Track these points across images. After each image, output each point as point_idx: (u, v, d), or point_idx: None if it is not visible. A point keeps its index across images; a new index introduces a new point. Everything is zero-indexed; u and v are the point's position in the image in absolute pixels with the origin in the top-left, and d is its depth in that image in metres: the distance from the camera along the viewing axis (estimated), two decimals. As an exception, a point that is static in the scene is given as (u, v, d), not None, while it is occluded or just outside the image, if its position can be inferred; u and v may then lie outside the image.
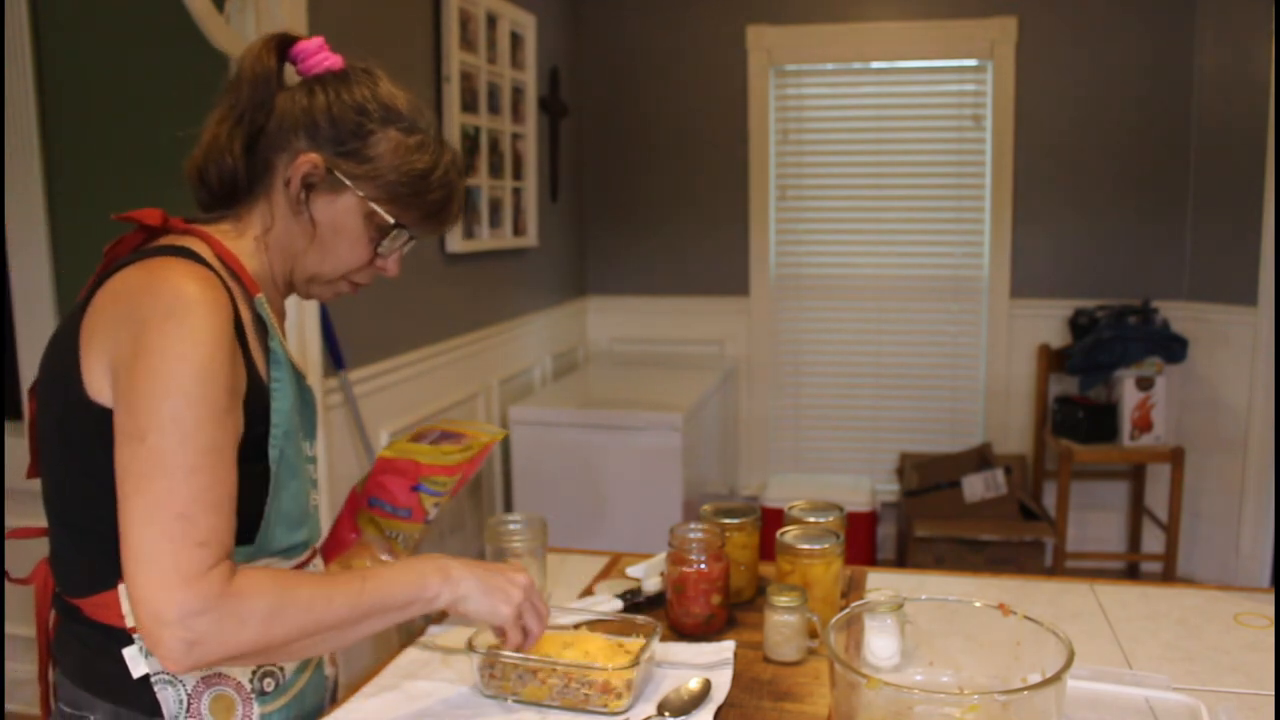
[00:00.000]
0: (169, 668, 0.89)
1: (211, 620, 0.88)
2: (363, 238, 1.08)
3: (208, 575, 0.89)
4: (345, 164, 1.04)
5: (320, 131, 1.04)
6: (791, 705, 1.15)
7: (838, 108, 3.99)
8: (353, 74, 1.07)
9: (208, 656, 0.89)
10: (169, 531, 0.88)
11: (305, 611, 0.94)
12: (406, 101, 1.08)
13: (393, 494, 1.22)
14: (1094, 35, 3.70)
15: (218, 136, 1.05)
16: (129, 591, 0.89)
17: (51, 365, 0.99)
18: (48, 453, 1.01)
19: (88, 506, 0.98)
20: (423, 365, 2.83)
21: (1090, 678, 1.16)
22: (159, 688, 0.99)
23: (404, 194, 1.07)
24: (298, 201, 1.04)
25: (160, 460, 0.89)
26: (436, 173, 1.08)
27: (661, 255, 4.17)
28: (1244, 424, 3.47)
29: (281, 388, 1.03)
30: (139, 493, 0.89)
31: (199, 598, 0.87)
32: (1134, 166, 3.74)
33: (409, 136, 1.07)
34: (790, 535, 1.37)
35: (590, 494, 3.10)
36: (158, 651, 0.88)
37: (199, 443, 0.90)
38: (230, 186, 1.06)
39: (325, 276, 1.10)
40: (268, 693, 1.05)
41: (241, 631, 0.90)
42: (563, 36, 3.92)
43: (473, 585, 1.06)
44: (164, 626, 0.87)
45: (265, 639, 0.92)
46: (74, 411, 0.96)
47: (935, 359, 4.02)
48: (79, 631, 1.02)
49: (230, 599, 0.89)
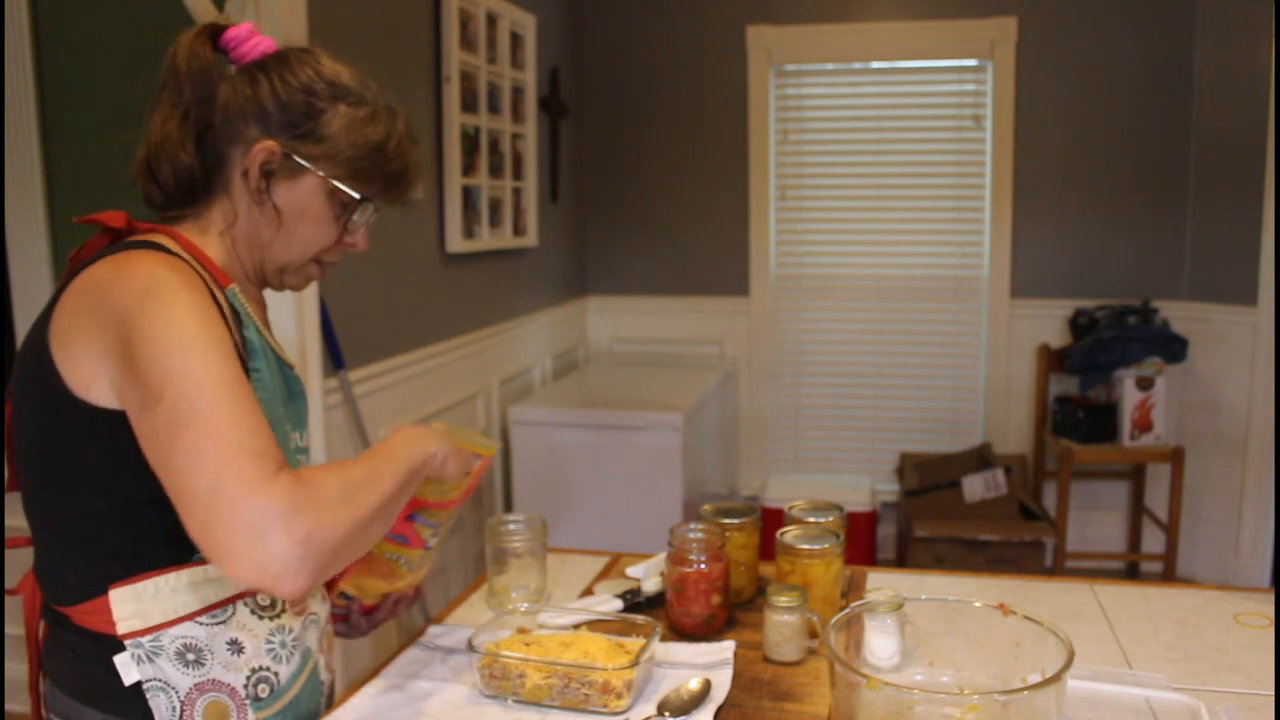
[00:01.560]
0: (295, 586, 0.83)
1: (307, 513, 0.84)
2: (327, 216, 1.07)
3: (278, 476, 0.85)
4: (302, 146, 1.03)
5: (271, 117, 1.02)
6: (791, 705, 1.15)
7: (838, 108, 3.99)
8: (291, 55, 1.06)
9: (321, 551, 0.84)
10: (218, 460, 0.84)
11: (369, 486, 0.93)
12: (351, 76, 1.07)
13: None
14: (1094, 35, 3.70)
15: (168, 135, 1.02)
16: (211, 545, 0.84)
17: (24, 370, 0.98)
18: (28, 459, 0.99)
19: (72, 510, 0.97)
20: (423, 365, 2.83)
21: (1090, 678, 1.16)
22: (151, 695, 0.98)
23: (364, 167, 1.06)
24: (259, 191, 1.03)
25: (184, 409, 0.86)
26: (391, 142, 1.07)
27: (661, 255, 4.16)
28: (1244, 424, 3.47)
29: (260, 377, 1.02)
30: (175, 447, 0.86)
31: (283, 495, 0.83)
32: (1134, 166, 3.74)
33: (359, 109, 1.06)
34: (790, 535, 1.37)
35: (590, 494, 3.10)
36: (279, 578, 0.82)
37: (215, 380, 0.88)
38: (187, 184, 1.04)
39: (295, 263, 1.09)
40: (262, 698, 1.03)
41: (335, 514, 0.87)
42: (563, 36, 3.91)
43: (451, 460, 1.09)
44: (266, 539, 0.82)
45: (353, 519, 0.89)
46: (57, 411, 0.94)
47: (935, 359, 4.02)
48: (69, 640, 1.00)
49: (310, 487, 0.86)
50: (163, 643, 0.98)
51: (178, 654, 0.98)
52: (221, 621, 1.01)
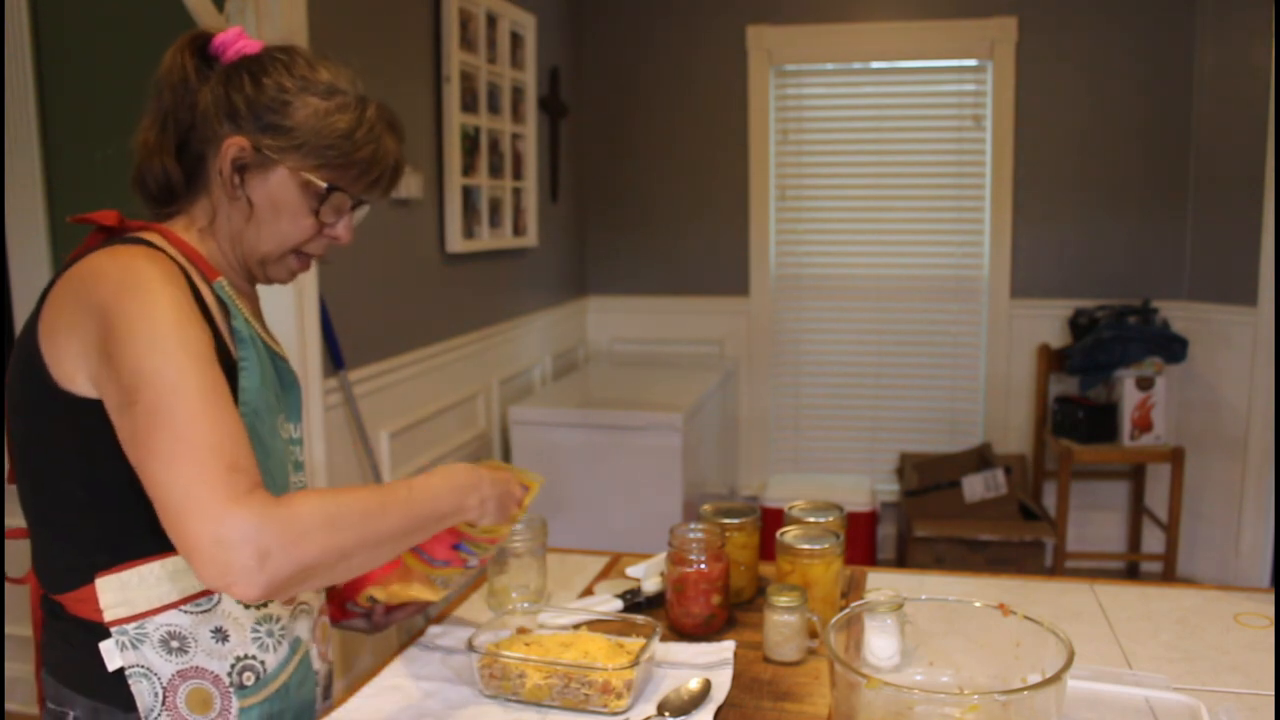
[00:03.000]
0: (248, 596, 0.86)
1: (274, 532, 0.86)
2: (302, 208, 1.08)
3: (253, 493, 0.88)
4: (268, 139, 1.04)
5: (240, 114, 1.04)
6: (791, 705, 1.15)
7: (838, 108, 3.99)
8: (267, 55, 1.07)
9: (281, 573, 0.87)
10: (195, 468, 0.87)
11: (362, 519, 0.94)
12: (328, 70, 1.09)
13: (433, 549, 1.21)
14: (1094, 35, 3.70)
15: (147, 143, 1.07)
16: (181, 543, 0.87)
17: (17, 363, 1.00)
18: (20, 450, 1.02)
19: (59, 499, 0.99)
20: (423, 365, 2.83)
21: (1090, 678, 1.16)
22: (133, 681, 0.99)
23: (332, 156, 1.06)
24: (232, 185, 1.05)
25: (160, 412, 0.89)
26: (360, 130, 1.07)
27: (662, 255, 4.16)
28: (1244, 424, 3.47)
29: (249, 366, 1.03)
30: (150, 451, 0.89)
31: (253, 512, 0.86)
32: (1134, 166, 3.74)
33: (328, 100, 1.06)
34: (790, 535, 1.37)
35: (590, 494, 3.10)
36: (229, 583, 0.85)
37: (190, 387, 0.90)
38: (166, 189, 1.07)
39: (273, 254, 1.10)
40: (247, 686, 1.04)
41: (307, 541, 0.89)
42: (563, 36, 3.91)
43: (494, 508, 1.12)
44: (230, 550, 0.85)
45: (330, 548, 0.91)
46: (43, 401, 0.97)
47: (935, 359, 4.02)
48: (62, 629, 1.02)
49: (285, 509, 0.88)
50: (147, 630, 1.00)
51: (161, 641, 1.00)
52: (206, 610, 1.02)
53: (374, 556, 0.97)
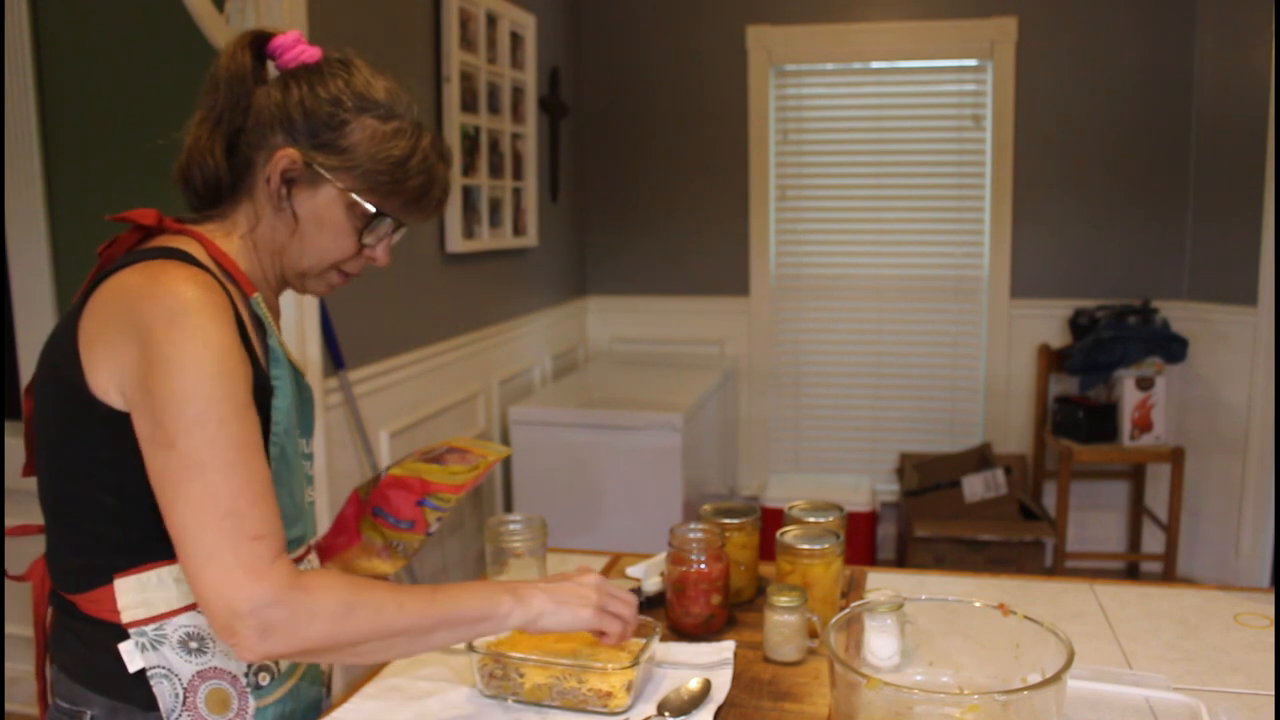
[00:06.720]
0: (243, 656, 0.90)
1: (284, 611, 0.89)
2: (346, 228, 1.07)
3: (273, 567, 0.90)
4: (321, 156, 1.03)
5: (295, 126, 1.03)
6: (791, 705, 1.15)
7: (838, 108, 3.99)
8: (327, 66, 1.06)
9: (279, 647, 0.90)
10: (220, 531, 0.89)
11: (376, 613, 0.95)
12: (384, 89, 1.07)
13: (397, 508, 1.23)
14: (1094, 35, 3.70)
15: (199, 139, 1.05)
16: (196, 592, 0.90)
17: (50, 363, 0.99)
18: (44, 450, 1.01)
19: (82, 503, 0.99)
20: (423, 365, 2.83)
21: (1090, 678, 1.16)
22: (155, 682, 0.99)
23: (383, 182, 1.06)
24: (279, 197, 1.04)
25: (194, 463, 0.89)
26: (414, 159, 1.07)
27: (661, 255, 4.16)
28: (1244, 424, 3.47)
29: (281, 385, 1.03)
30: (180, 499, 0.90)
31: (269, 589, 0.89)
32: (1134, 166, 3.74)
33: (385, 124, 1.05)
34: (790, 535, 1.37)
35: (590, 494, 3.10)
36: (232, 642, 0.90)
37: (228, 439, 0.91)
38: (214, 188, 1.06)
39: (314, 270, 1.10)
40: (263, 686, 1.05)
41: (312, 625, 0.91)
42: (563, 36, 3.91)
43: (544, 601, 1.07)
44: (238, 618, 0.88)
45: (336, 636, 0.93)
46: (76, 408, 0.96)
47: (935, 359, 4.02)
48: (75, 627, 1.02)
49: (300, 591, 0.91)
50: (166, 631, 1.00)
51: (180, 642, 1.00)
52: None
53: (389, 646, 0.98)
